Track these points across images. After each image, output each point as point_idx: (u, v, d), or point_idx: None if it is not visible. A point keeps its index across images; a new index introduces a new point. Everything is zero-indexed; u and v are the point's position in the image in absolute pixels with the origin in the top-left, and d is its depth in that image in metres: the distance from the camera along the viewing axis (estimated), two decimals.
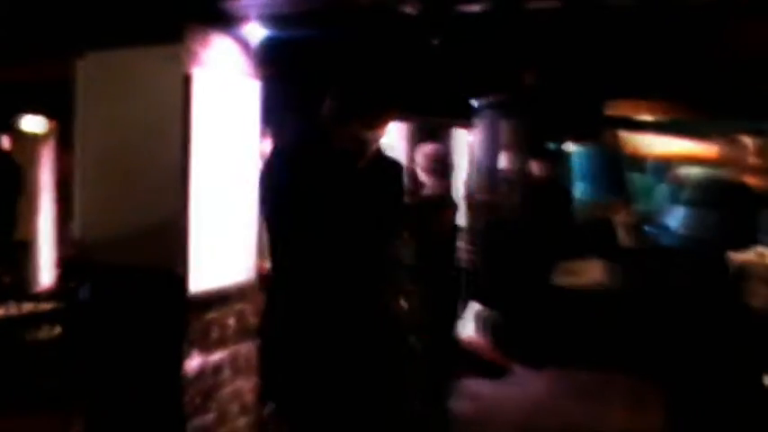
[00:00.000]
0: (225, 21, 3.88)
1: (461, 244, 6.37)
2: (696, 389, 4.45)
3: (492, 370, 6.36)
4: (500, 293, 6.80)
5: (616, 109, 8.60)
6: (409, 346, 3.34)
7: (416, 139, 5.91)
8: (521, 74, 6.47)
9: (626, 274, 6.89)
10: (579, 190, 11.22)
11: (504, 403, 5.84)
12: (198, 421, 3.88)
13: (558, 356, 6.35)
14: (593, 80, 6.64)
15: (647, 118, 10.38)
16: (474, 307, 6.63)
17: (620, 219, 7.85)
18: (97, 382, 3.97)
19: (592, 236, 8.22)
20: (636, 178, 9.73)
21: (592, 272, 6.92)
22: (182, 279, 3.71)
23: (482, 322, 6.64)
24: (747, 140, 5.45)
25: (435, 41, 5.33)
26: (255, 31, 4.03)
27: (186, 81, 3.66)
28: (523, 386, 6.24)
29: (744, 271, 4.58)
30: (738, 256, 4.64)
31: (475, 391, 6.00)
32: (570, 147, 10.71)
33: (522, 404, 5.82)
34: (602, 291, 6.52)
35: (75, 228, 4.06)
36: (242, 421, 4.20)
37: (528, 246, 7.08)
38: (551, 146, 9.70)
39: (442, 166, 5.59)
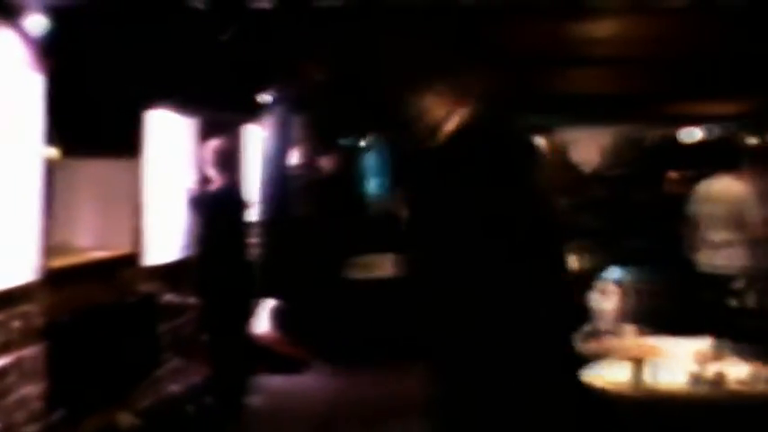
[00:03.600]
0: (5, 12, 3.86)
1: (253, 239, 6.59)
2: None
3: (288, 365, 6.61)
4: (293, 288, 7.05)
5: None
6: None
7: (205, 134, 6.04)
8: (310, 69, 6.72)
9: None
10: (373, 185, 11.67)
11: (300, 398, 6.11)
12: None
13: (354, 349, 6.67)
14: (382, 75, 6.97)
15: None
16: (268, 302, 6.84)
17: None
18: None
19: (385, 230, 8.61)
20: None
21: (385, 266, 7.27)
22: None
23: (277, 317, 6.85)
24: (540, 140, 5.83)
25: (224, 36, 5.49)
26: (39, 24, 4.02)
27: None
28: (319, 380, 6.53)
29: None
30: None
31: (271, 386, 6.23)
32: (363, 142, 11.12)
33: (318, 397, 6.10)
34: (395, 284, 6.85)
35: None
36: (30, 429, 4.16)
37: (319, 240, 7.38)
38: (345, 141, 10.05)
39: (229, 161, 5.78)
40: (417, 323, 2.21)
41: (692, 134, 11.93)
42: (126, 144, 5.20)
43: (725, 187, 6.52)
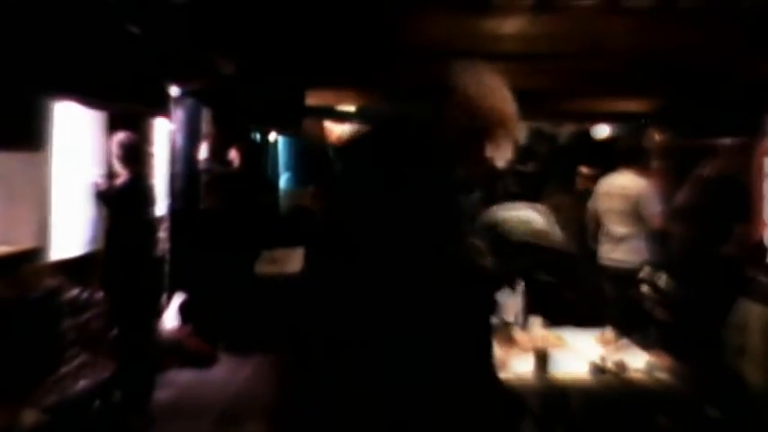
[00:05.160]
0: None
1: (161, 233, 6.60)
2: None
3: (197, 359, 6.65)
4: (200, 283, 7.07)
5: (318, 98, 9.08)
6: None
7: (112, 127, 6.03)
8: (219, 62, 6.76)
9: None
10: (284, 179, 11.75)
11: (206, 391, 6.17)
12: None
13: (263, 343, 6.76)
14: (292, 69, 7.05)
15: (350, 108, 11.02)
16: (177, 297, 6.87)
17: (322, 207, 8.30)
18: None
19: (294, 224, 8.69)
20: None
21: (294, 260, 7.34)
22: None
23: (184, 311, 6.89)
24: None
25: (135, 29, 5.50)
26: None
27: None
28: (227, 373, 6.60)
29: None
30: None
31: (178, 380, 6.28)
32: (274, 136, 11.17)
33: (224, 391, 6.17)
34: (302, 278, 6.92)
35: None
36: None
37: (227, 235, 7.42)
38: (256, 135, 10.09)
39: (136, 155, 5.80)
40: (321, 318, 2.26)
41: (603, 131, 12.28)
42: (30, 136, 5.17)
43: (625, 182, 6.77)
